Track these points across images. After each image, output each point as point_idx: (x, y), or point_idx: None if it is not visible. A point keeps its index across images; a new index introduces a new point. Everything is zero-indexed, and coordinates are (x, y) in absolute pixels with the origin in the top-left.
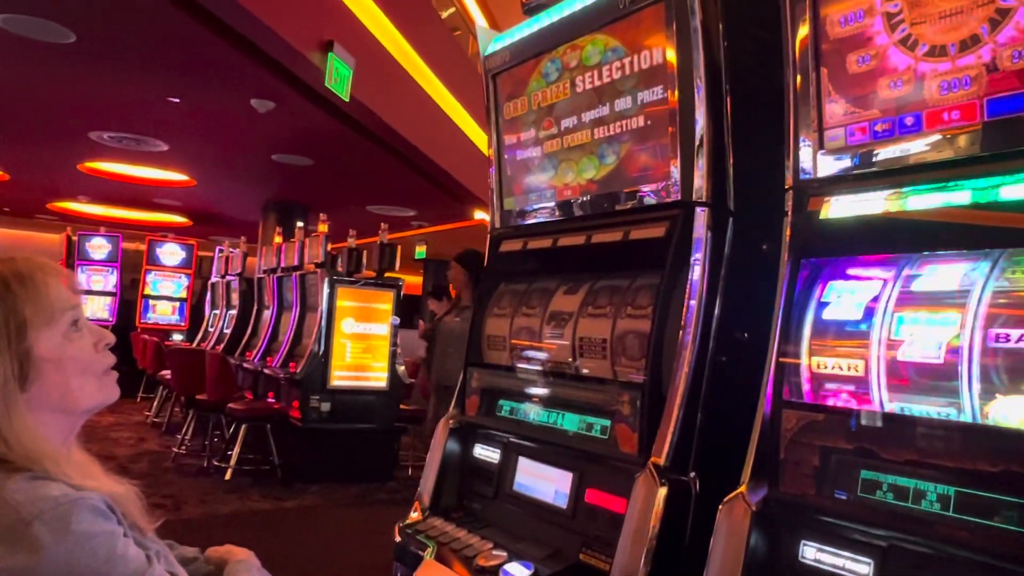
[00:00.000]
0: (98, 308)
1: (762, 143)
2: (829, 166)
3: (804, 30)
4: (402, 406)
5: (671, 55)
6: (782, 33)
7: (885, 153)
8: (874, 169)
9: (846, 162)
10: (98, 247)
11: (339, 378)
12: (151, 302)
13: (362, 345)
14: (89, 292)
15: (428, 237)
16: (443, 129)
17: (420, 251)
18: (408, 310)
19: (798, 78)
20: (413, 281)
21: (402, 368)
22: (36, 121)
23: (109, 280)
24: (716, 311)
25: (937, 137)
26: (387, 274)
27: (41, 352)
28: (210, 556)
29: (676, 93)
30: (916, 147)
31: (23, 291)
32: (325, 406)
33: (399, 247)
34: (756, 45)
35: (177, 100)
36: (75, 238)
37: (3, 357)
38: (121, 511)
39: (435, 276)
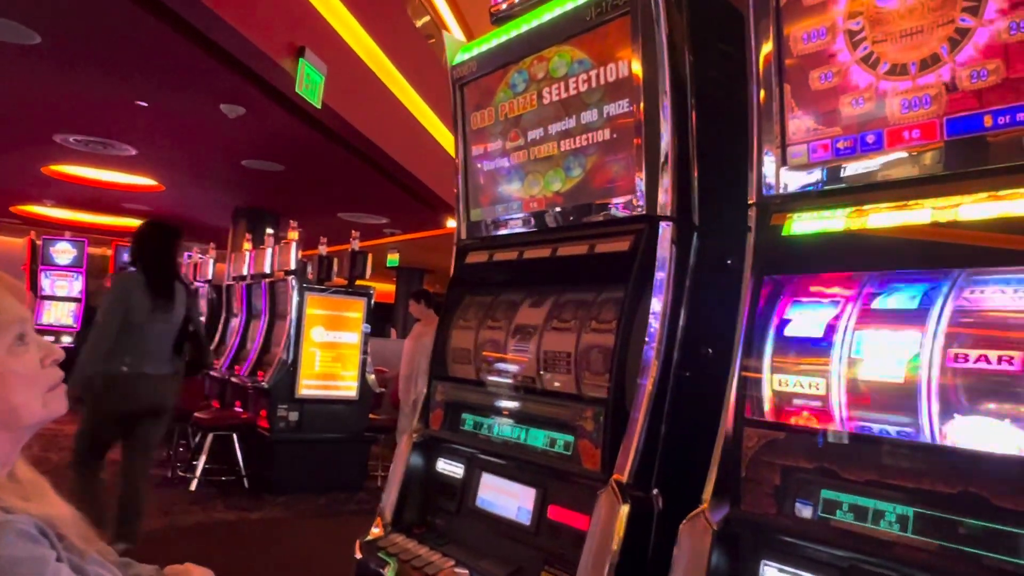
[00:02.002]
0: (63, 314)
1: (728, 158)
2: (792, 182)
3: (768, 46)
4: (371, 416)
5: (637, 68)
6: (746, 49)
7: (847, 170)
8: (836, 186)
9: (808, 179)
10: (63, 252)
11: (308, 387)
12: None
13: (332, 354)
14: (54, 298)
15: (401, 245)
16: (416, 137)
17: (392, 259)
18: (380, 318)
19: (762, 93)
20: (386, 289)
21: (372, 377)
22: None
23: (74, 285)
24: (680, 326)
25: (898, 155)
26: (358, 282)
27: None
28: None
29: (641, 106)
30: (877, 165)
31: None
32: (293, 415)
33: (370, 255)
34: (722, 59)
35: (145, 104)
36: (39, 242)
37: None
38: (56, 534)
39: (408, 284)
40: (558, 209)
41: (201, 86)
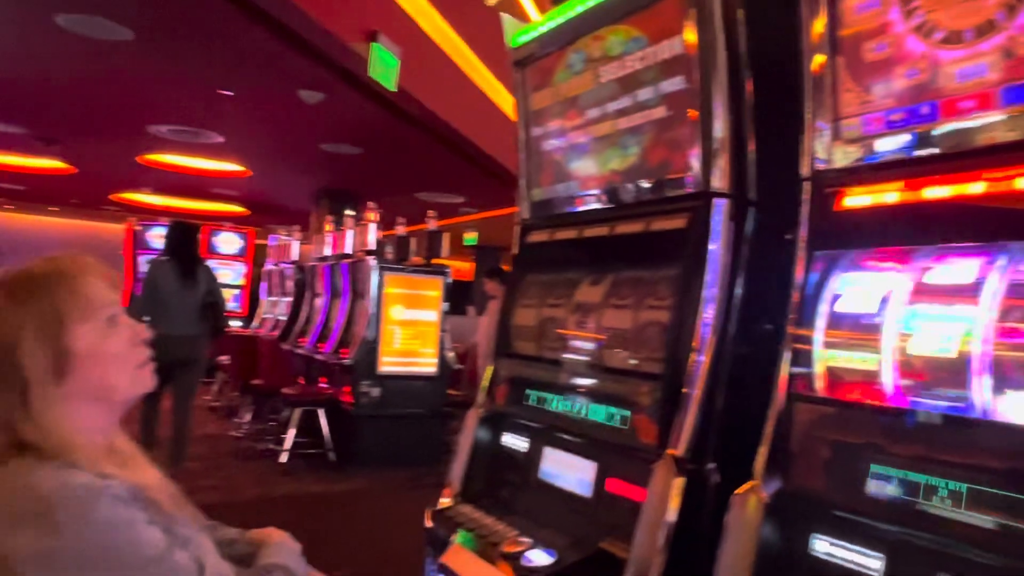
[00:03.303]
0: None
1: (785, 132)
2: (844, 156)
3: (821, 18)
4: (450, 392)
5: (691, 44)
6: (799, 21)
7: (900, 143)
8: (889, 159)
9: (861, 152)
10: (159, 236)
11: (388, 364)
12: None
13: (411, 331)
14: None
15: (477, 224)
16: (491, 115)
17: (469, 238)
18: (457, 296)
19: (814, 66)
20: (463, 268)
21: (451, 354)
22: (97, 116)
23: None
24: (736, 302)
25: (953, 126)
26: (435, 261)
27: (78, 347)
28: (250, 538)
29: (696, 82)
30: (931, 136)
31: (63, 289)
32: (375, 391)
33: (447, 234)
34: (778, 32)
35: (230, 93)
36: (138, 228)
37: (42, 351)
38: (147, 499)
39: (486, 262)
40: (616, 187)
41: (280, 73)
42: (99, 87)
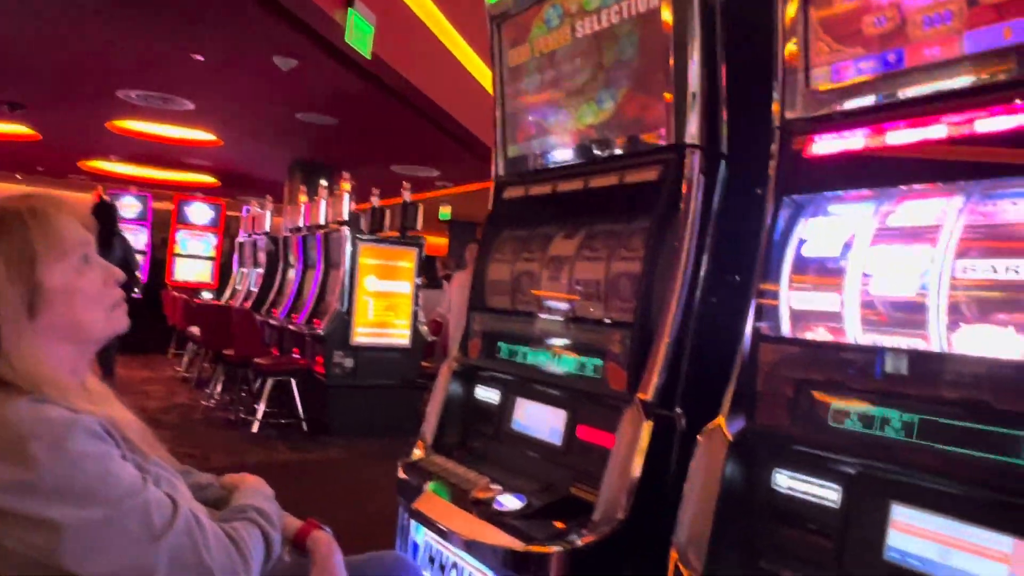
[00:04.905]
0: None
1: (758, 86)
2: (814, 104)
3: None
4: (423, 364)
5: None
6: None
7: (867, 90)
8: (857, 106)
9: (831, 99)
10: (128, 206)
11: (362, 335)
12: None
13: (384, 303)
14: None
15: (452, 199)
16: (467, 87)
17: (444, 212)
18: (431, 269)
19: (786, 17)
20: (438, 243)
21: (424, 328)
22: (65, 80)
23: (139, 239)
24: (706, 253)
25: (918, 73)
26: (410, 233)
27: (51, 284)
28: (224, 482)
29: (670, 35)
30: (897, 83)
31: (37, 226)
32: (348, 362)
33: (421, 206)
34: None
35: (201, 58)
36: (107, 197)
37: (14, 287)
38: (120, 435)
39: (460, 237)
40: (591, 142)
41: (254, 38)
42: (66, 50)
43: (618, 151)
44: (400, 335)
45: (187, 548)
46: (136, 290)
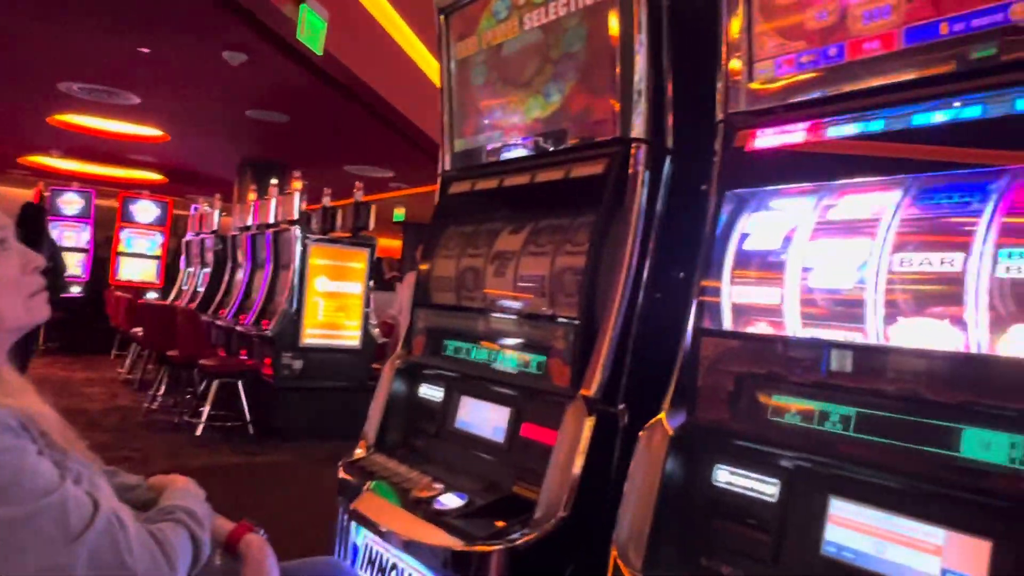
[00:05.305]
0: (71, 265)
1: (705, 82)
2: (757, 99)
3: None
4: (374, 366)
5: None
6: None
7: (809, 84)
8: (799, 99)
9: (773, 93)
10: (70, 202)
11: (311, 336)
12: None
13: (335, 304)
14: (62, 248)
15: (407, 200)
16: (421, 87)
17: (399, 213)
18: (378, 271)
19: (729, 10)
20: (392, 244)
21: (376, 329)
22: (2, 71)
23: (82, 236)
24: (651, 248)
25: (858, 67)
26: (362, 233)
27: None
28: (152, 484)
29: (617, 28)
30: (838, 77)
31: None
32: (297, 364)
33: (373, 206)
34: None
35: (147, 51)
36: (47, 193)
37: None
38: (38, 430)
39: (415, 238)
40: (538, 136)
41: (202, 32)
42: (3, 38)
43: (565, 145)
44: (351, 336)
45: (107, 549)
46: (62, 293)
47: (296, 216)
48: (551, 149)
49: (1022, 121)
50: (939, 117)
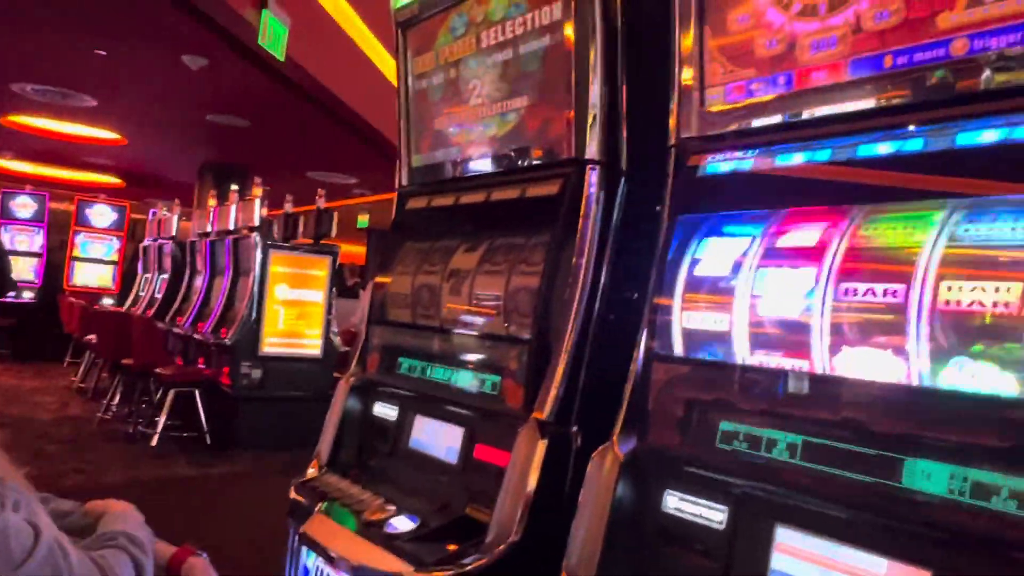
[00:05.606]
0: (23, 269)
1: (660, 105)
2: (709, 124)
3: None
4: (336, 375)
5: (568, 11)
6: None
7: (759, 111)
8: (749, 126)
9: (724, 120)
10: (24, 206)
11: (271, 345)
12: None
13: (296, 312)
14: (14, 252)
15: (371, 207)
16: (384, 93)
17: (363, 220)
18: (339, 277)
19: (682, 36)
20: (356, 251)
21: (337, 338)
22: None
23: (35, 240)
24: (605, 270)
25: (806, 96)
26: (324, 241)
27: None
28: (88, 509)
29: (572, 49)
30: (787, 106)
31: None
32: (256, 373)
33: (336, 213)
34: (653, 2)
35: (104, 53)
36: None
37: None
38: None
39: (379, 245)
40: (495, 154)
41: (162, 35)
42: None
43: (521, 164)
44: (312, 345)
45: None
46: (10, 294)
47: (257, 222)
48: (507, 168)
49: (964, 154)
50: (883, 148)
